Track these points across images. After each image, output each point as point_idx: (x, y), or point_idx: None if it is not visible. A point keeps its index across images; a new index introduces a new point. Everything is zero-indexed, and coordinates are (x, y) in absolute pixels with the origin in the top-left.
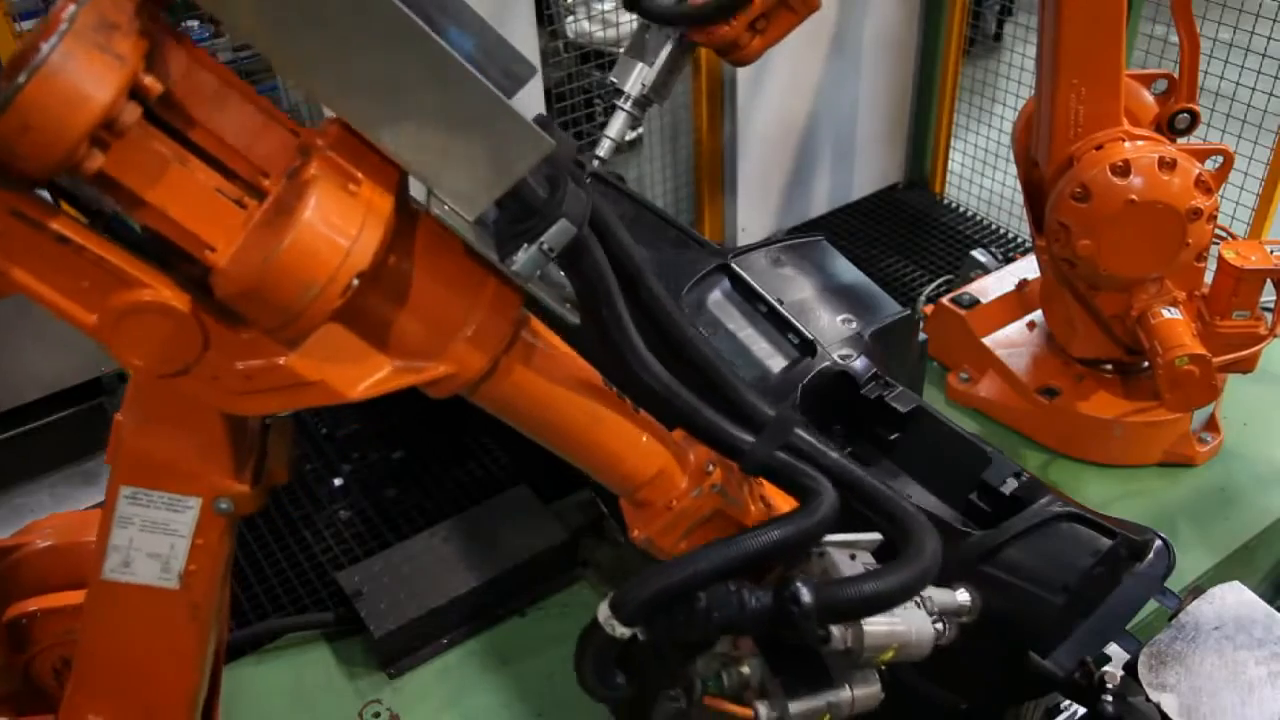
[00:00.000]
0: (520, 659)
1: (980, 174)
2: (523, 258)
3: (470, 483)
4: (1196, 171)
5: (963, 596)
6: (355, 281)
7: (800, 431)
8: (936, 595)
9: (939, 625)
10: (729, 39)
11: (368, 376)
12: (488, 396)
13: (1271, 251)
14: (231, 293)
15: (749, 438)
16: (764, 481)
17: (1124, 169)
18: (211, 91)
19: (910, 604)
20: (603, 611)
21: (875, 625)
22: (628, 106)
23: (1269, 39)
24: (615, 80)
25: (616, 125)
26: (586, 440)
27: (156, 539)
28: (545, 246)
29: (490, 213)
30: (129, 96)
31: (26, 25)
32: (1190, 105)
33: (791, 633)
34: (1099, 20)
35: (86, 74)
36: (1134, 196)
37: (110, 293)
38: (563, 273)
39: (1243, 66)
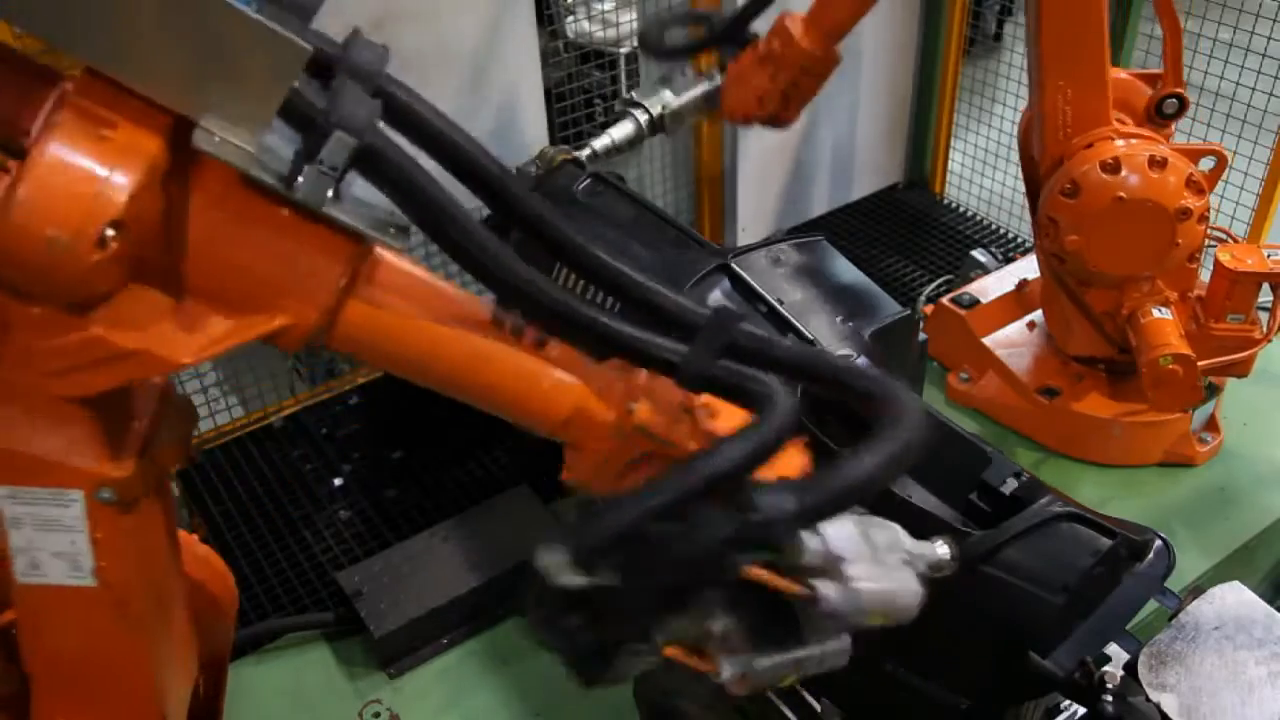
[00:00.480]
0: (520, 659)
1: (980, 174)
2: (303, 182)
3: (470, 483)
4: (1188, 171)
5: (942, 550)
6: (109, 231)
7: (742, 326)
8: (915, 548)
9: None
10: (762, 117)
11: (196, 338)
12: (343, 343)
13: (1268, 256)
14: None
15: (680, 347)
16: (712, 406)
17: (1114, 166)
18: None
19: (898, 561)
20: (546, 559)
21: (867, 584)
22: (642, 119)
23: (1269, 39)
24: (636, 95)
25: (623, 130)
26: (475, 382)
27: (55, 537)
28: (325, 165)
29: (290, 144)
30: None
31: None
32: (1177, 90)
33: (765, 550)
34: (1079, 22)
35: None
36: (1123, 194)
37: None
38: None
39: (1243, 66)
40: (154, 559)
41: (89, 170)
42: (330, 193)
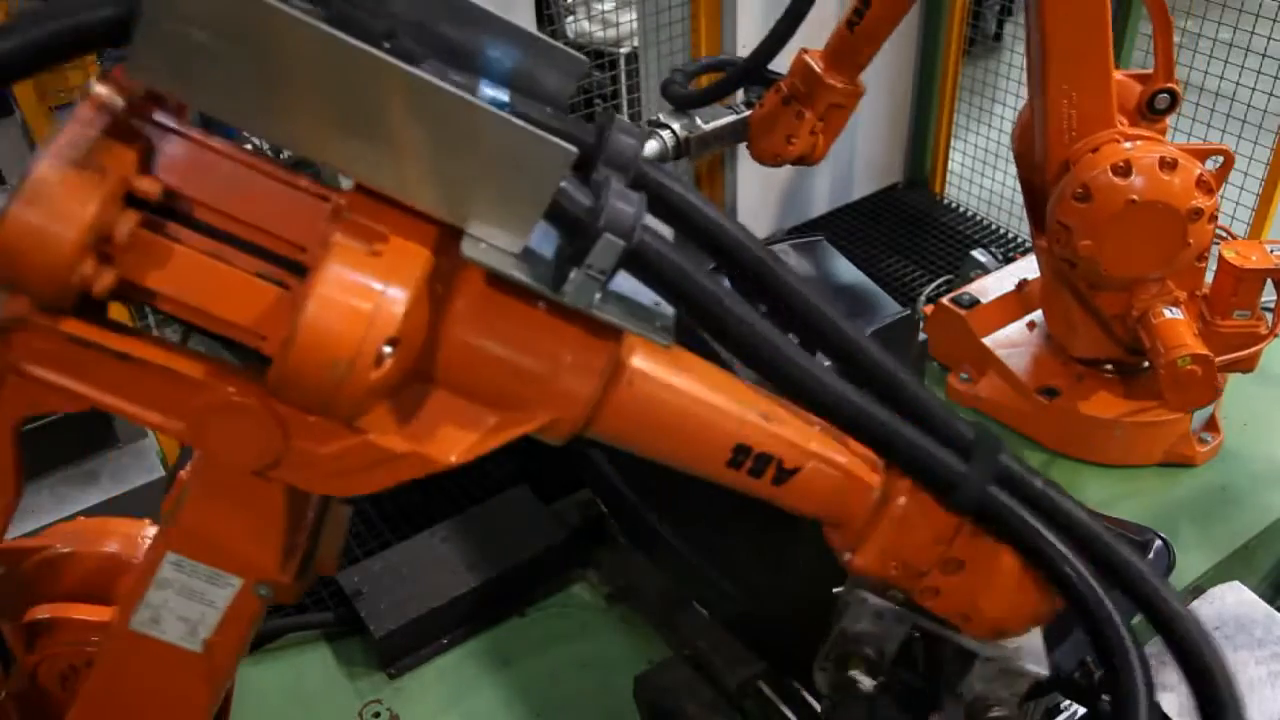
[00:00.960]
0: (520, 659)
1: (980, 174)
2: (571, 286)
3: (470, 483)
4: (1198, 171)
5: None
6: (387, 349)
7: (1006, 456)
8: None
9: None
10: (791, 157)
11: (464, 438)
12: (608, 434)
13: (1271, 251)
14: (270, 384)
15: (960, 466)
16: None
17: (1125, 169)
18: (227, 175)
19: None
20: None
21: None
22: (668, 140)
23: (1269, 39)
24: (664, 116)
25: (649, 149)
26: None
27: (190, 605)
28: (592, 269)
29: (548, 239)
30: (125, 204)
31: None
32: (1169, 85)
33: None
34: (1083, 25)
35: (63, 194)
36: (1135, 196)
37: (185, 398)
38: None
39: (1243, 66)
40: (248, 641)
41: (363, 291)
42: (598, 295)
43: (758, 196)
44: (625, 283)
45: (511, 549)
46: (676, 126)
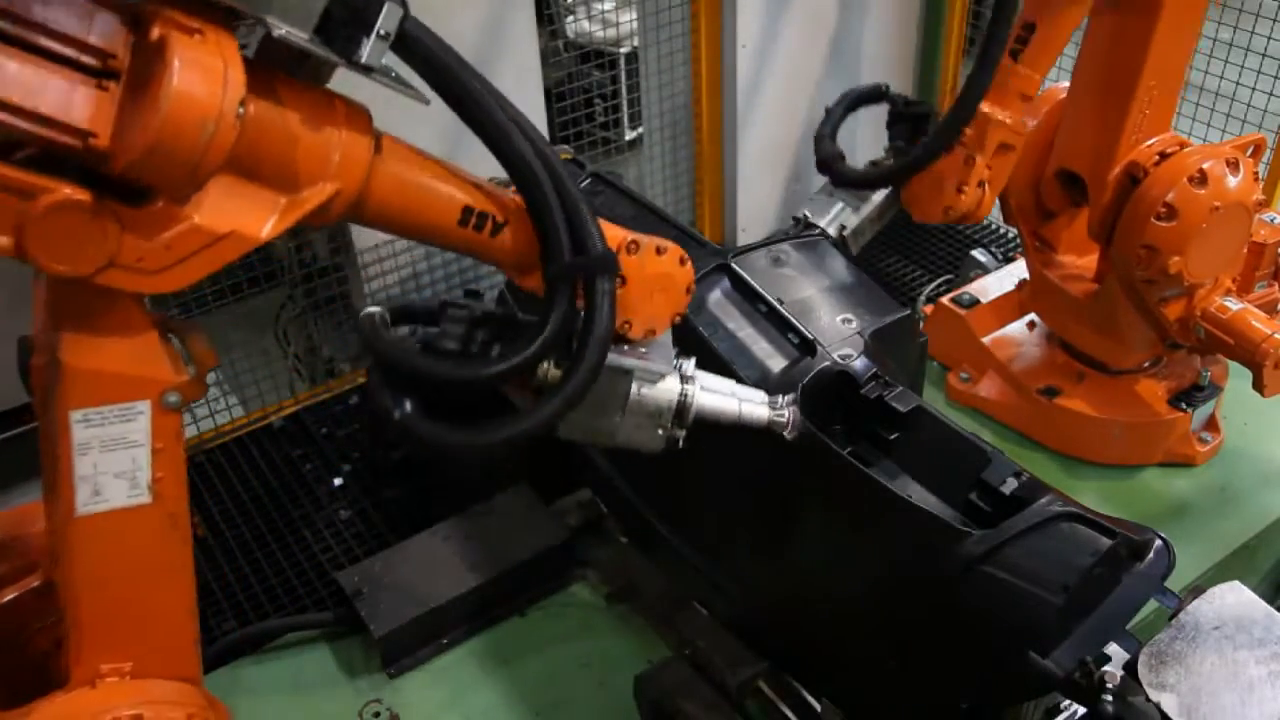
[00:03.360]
0: (520, 659)
1: None
2: (367, 48)
3: (470, 483)
4: (1251, 166)
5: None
6: (241, 110)
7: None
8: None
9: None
10: (964, 209)
11: (269, 215)
12: (374, 207)
13: (1273, 220)
14: (133, 160)
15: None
16: None
17: (1201, 178)
18: None
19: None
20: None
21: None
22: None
23: (1269, 39)
24: (809, 214)
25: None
26: (446, 245)
27: (118, 456)
28: (381, 31)
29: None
30: None
31: None
32: None
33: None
34: (1188, 20)
35: None
36: (1217, 204)
37: (15, 210)
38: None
39: (1243, 66)
40: (184, 466)
41: (211, 65)
42: (379, 51)
43: (758, 196)
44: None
45: (511, 549)
46: (825, 225)
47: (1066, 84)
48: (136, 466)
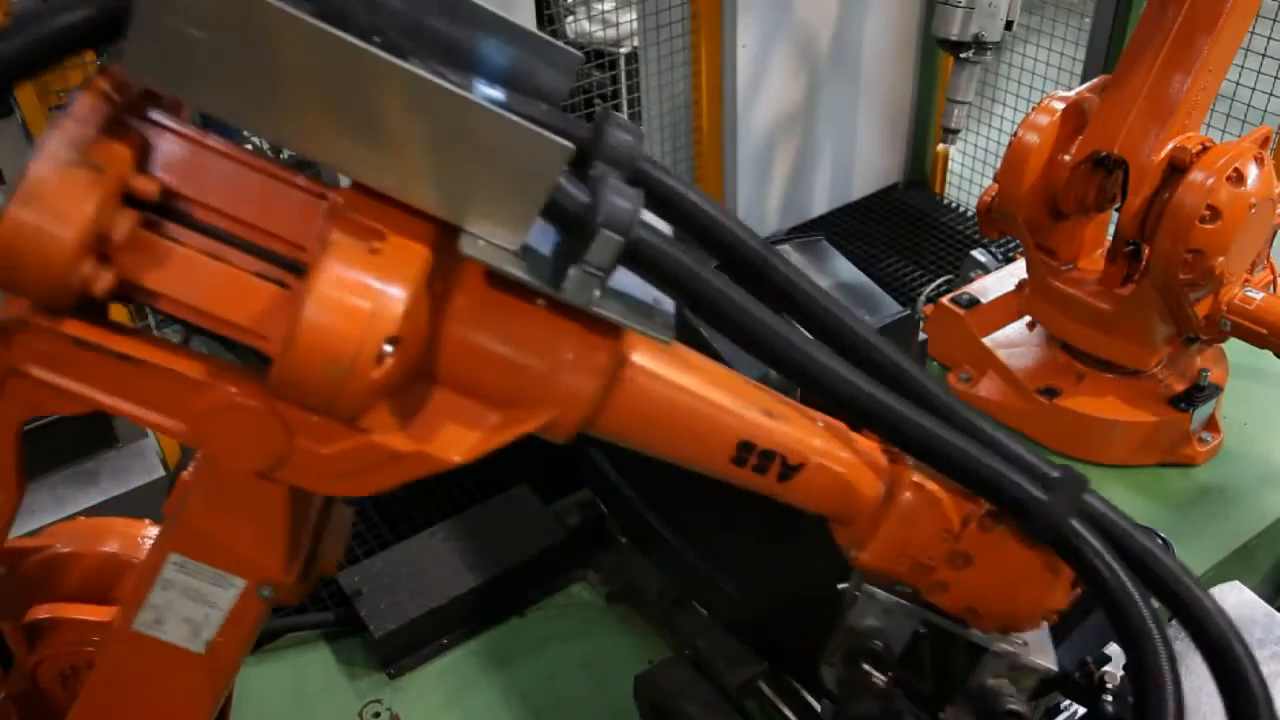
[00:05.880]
0: (520, 659)
1: (980, 174)
2: (570, 283)
3: (470, 483)
4: (1270, 161)
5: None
6: (388, 348)
7: (1091, 495)
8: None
9: None
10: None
11: (467, 437)
12: (612, 432)
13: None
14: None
15: (1038, 493)
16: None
17: (1239, 176)
18: (225, 174)
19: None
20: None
21: None
22: None
23: (1269, 39)
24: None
25: None
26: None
27: (193, 606)
28: (591, 266)
29: (547, 236)
30: (122, 203)
31: None
32: None
33: None
34: (1251, 8)
35: (61, 193)
36: (1253, 200)
37: (187, 399)
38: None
39: (1243, 66)
40: (251, 641)
41: (366, 286)
42: (597, 292)
43: (758, 197)
44: (625, 279)
45: (511, 549)
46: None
47: (1063, 92)
48: (206, 623)
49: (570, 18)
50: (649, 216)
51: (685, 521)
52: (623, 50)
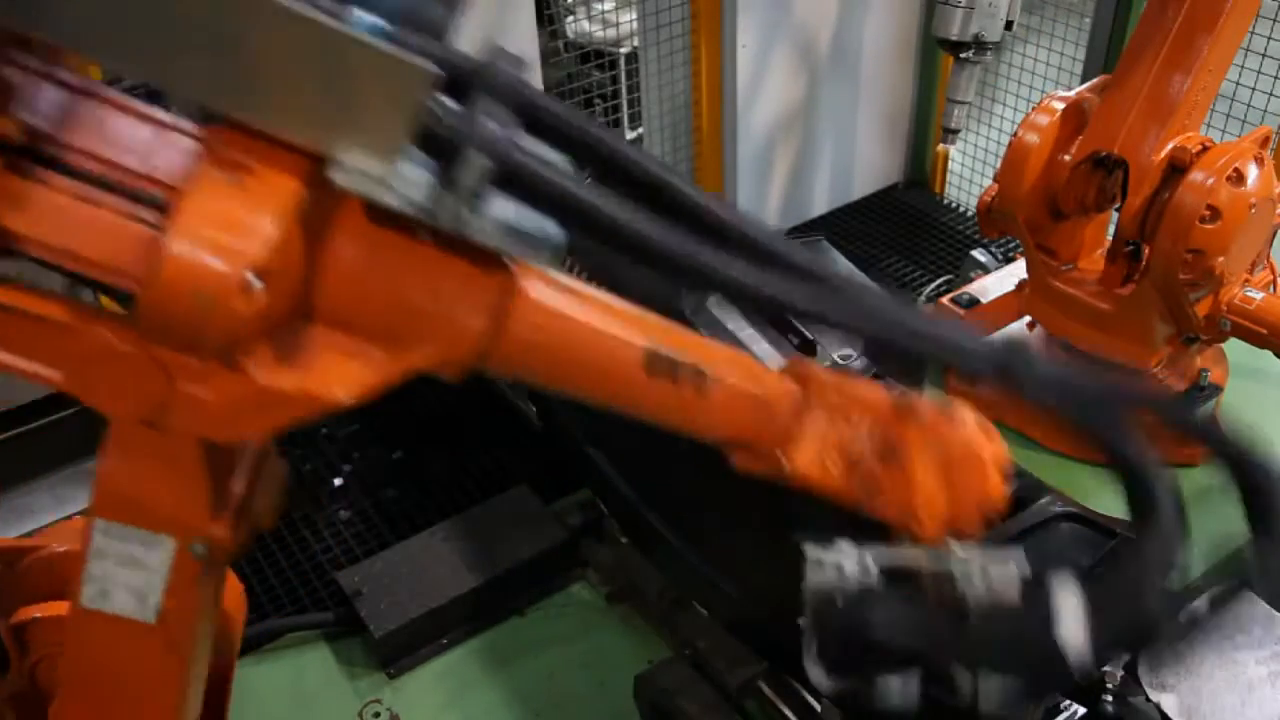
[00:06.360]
0: (520, 659)
1: (980, 174)
2: (441, 206)
3: (470, 483)
4: (1270, 161)
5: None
6: (255, 280)
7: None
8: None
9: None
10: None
11: (352, 375)
12: (511, 368)
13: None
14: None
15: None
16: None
17: (1239, 176)
18: (94, 115)
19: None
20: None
21: None
22: None
23: (1269, 39)
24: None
25: None
26: (637, 410)
27: (131, 573)
28: (462, 188)
29: (423, 165)
30: None
31: None
32: None
33: None
34: (1251, 8)
35: None
36: (1254, 200)
37: (62, 346)
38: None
39: (1242, 66)
40: (209, 606)
41: (229, 218)
42: (470, 215)
43: (758, 197)
44: (515, 211)
45: (511, 549)
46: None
47: (1063, 92)
48: (149, 589)
49: (570, 18)
50: (551, 155)
51: (685, 521)
52: (623, 50)
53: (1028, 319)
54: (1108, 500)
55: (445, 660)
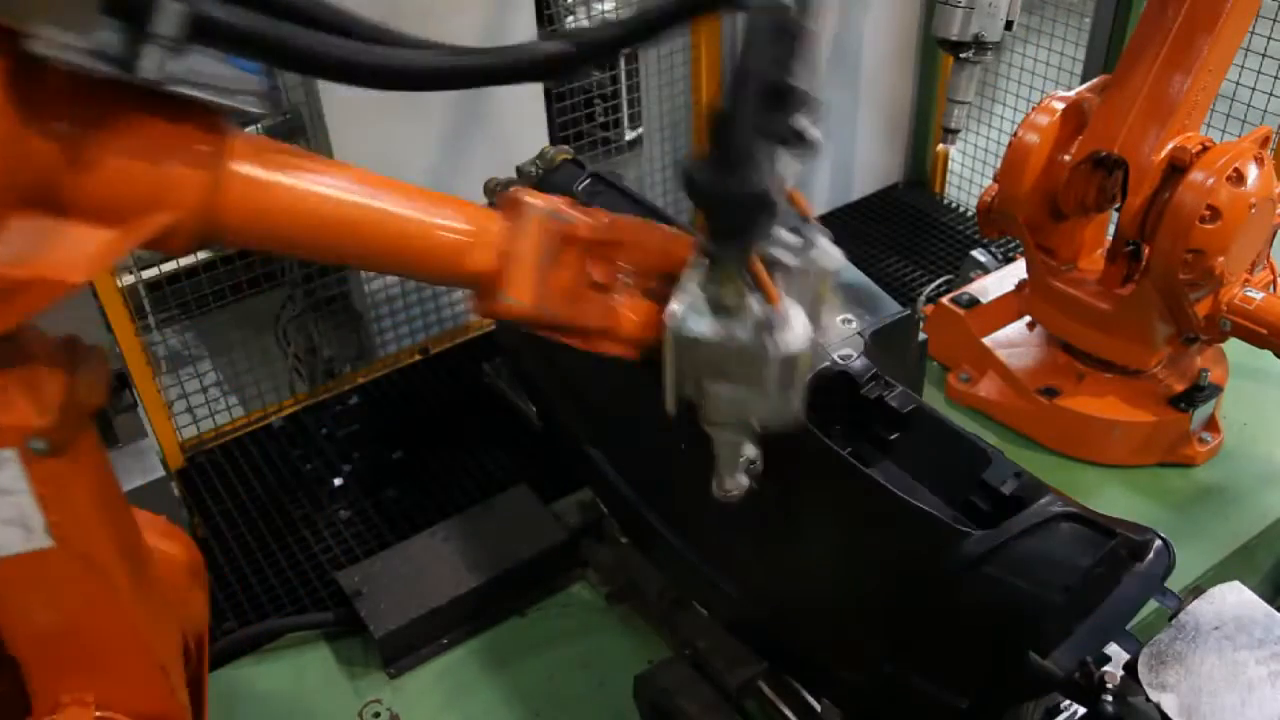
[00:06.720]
0: (520, 659)
1: (980, 174)
2: (145, 60)
3: (470, 483)
4: (1270, 160)
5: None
6: None
7: None
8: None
9: None
10: None
11: (83, 256)
12: (234, 235)
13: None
14: None
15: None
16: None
17: (1239, 176)
18: None
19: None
20: None
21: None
22: None
23: (1269, 39)
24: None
25: None
26: (369, 250)
27: (1, 503)
28: (161, 38)
29: (115, 30)
30: None
31: None
32: None
33: None
34: (1252, 7)
35: None
36: (1254, 200)
37: None
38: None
39: (1243, 66)
40: (102, 505)
41: None
42: (170, 64)
43: None
44: (218, 64)
45: (511, 549)
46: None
47: (1063, 92)
48: (24, 514)
49: (570, 18)
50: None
51: (685, 521)
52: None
53: (1028, 319)
54: (1108, 500)
55: (445, 660)
